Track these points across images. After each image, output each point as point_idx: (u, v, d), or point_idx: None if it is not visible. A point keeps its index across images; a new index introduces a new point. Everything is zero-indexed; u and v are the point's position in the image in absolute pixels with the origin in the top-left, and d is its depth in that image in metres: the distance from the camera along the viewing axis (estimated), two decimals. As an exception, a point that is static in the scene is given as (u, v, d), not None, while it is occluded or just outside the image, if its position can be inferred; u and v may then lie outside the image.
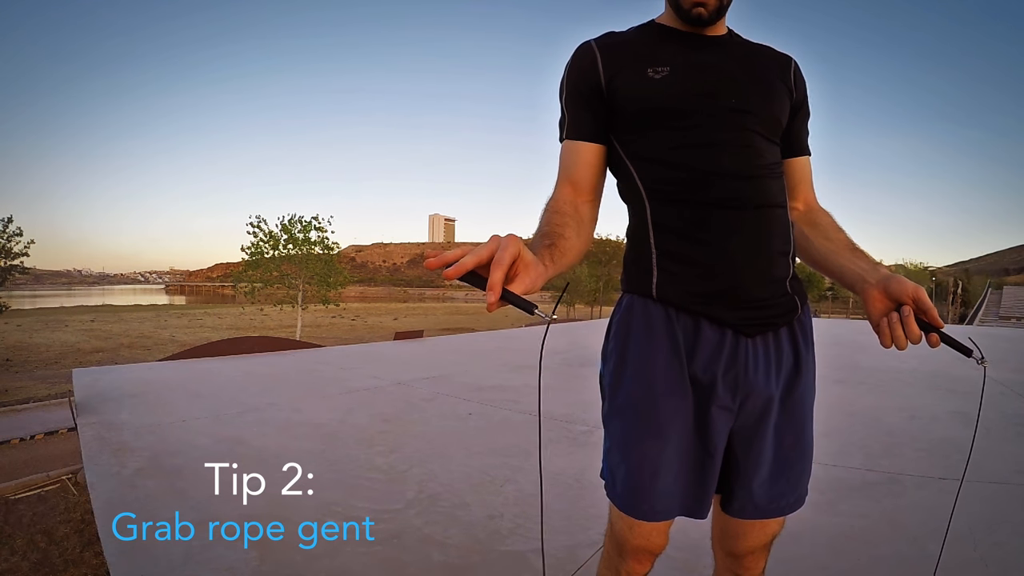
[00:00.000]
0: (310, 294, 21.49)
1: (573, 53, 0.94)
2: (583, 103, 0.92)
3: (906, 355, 6.72)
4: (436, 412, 3.71)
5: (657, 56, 0.89)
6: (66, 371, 11.50)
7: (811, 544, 1.88)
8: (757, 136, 0.87)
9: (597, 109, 0.91)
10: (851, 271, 0.89)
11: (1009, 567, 1.72)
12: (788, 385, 0.89)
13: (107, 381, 4.62)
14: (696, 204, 0.84)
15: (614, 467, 0.90)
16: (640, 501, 0.86)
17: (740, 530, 0.93)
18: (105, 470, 2.53)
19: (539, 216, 0.85)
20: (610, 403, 0.91)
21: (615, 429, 0.89)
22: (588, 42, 0.94)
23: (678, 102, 0.86)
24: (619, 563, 0.94)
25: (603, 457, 0.93)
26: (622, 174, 0.93)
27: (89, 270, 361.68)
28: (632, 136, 0.90)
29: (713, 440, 0.85)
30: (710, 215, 0.83)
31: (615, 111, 0.90)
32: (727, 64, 0.90)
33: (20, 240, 22.28)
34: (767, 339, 0.87)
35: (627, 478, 0.87)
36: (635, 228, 0.92)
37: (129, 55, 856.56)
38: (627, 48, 0.92)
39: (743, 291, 0.83)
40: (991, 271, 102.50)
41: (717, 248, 0.83)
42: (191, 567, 1.71)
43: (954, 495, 1.64)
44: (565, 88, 0.94)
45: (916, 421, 3.49)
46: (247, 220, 21.17)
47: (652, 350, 0.86)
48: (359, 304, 63.16)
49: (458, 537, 1.93)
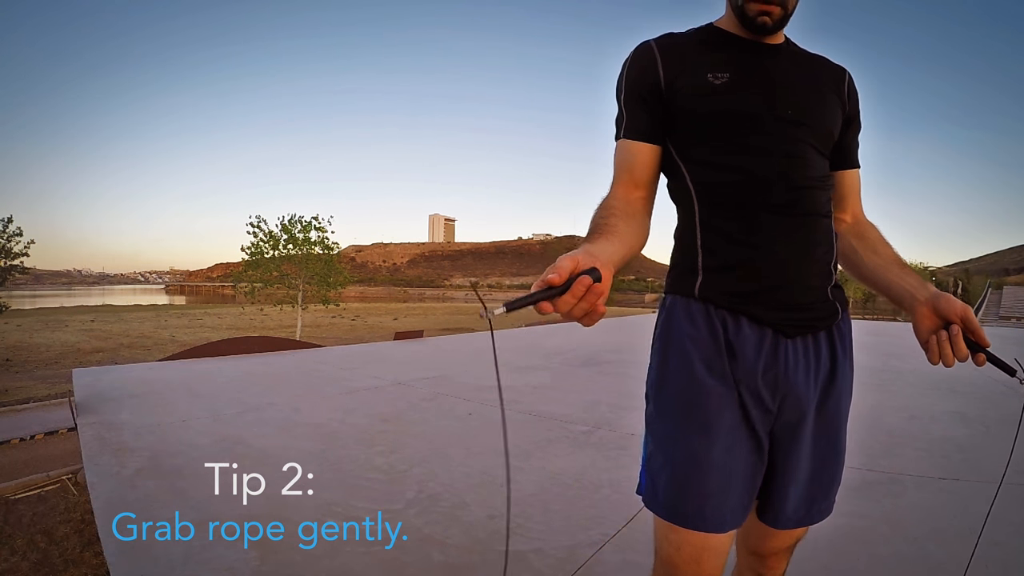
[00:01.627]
0: (310, 294, 21.48)
1: (633, 52, 0.94)
2: (641, 103, 0.92)
3: (906, 355, 6.72)
4: (436, 412, 3.71)
5: (717, 61, 0.90)
6: (66, 371, 11.49)
7: (811, 544, 1.87)
8: (809, 148, 0.89)
9: (655, 109, 0.92)
10: (900, 287, 0.91)
11: (1009, 567, 1.72)
12: (825, 390, 0.89)
13: (107, 381, 4.61)
14: (746, 209, 0.86)
15: (655, 472, 0.86)
16: (686, 503, 0.82)
17: (768, 532, 0.93)
18: (105, 470, 2.53)
19: (593, 214, 0.86)
20: (654, 404, 0.88)
21: (658, 430, 0.87)
22: (648, 42, 0.94)
23: (736, 109, 0.87)
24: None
25: (642, 467, 0.89)
26: (674, 175, 0.94)
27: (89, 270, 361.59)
28: (688, 139, 0.91)
29: (759, 441, 0.85)
30: (759, 220, 0.85)
31: (673, 113, 0.91)
32: (785, 74, 0.91)
33: (20, 240, 22.28)
34: (807, 342, 0.87)
35: (671, 480, 0.83)
36: (682, 229, 0.93)
37: (129, 55, 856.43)
38: (687, 51, 0.92)
39: (785, 294, 0.85)
40: (991, 271, 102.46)
41: (764, 251, 0.84)
42: (191, 567, 1.71)
43: (954, 495, 1.64)
44: (624, 87, 0.94)
45: (916, 421, 3.49)
46: (247, 220, 21.15)
47: (695, 347, 0.85)
48: (359, 304, 63.15)
49: (458, 537, 1.93)
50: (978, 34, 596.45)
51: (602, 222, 0.81)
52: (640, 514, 2.09)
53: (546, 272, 0.58)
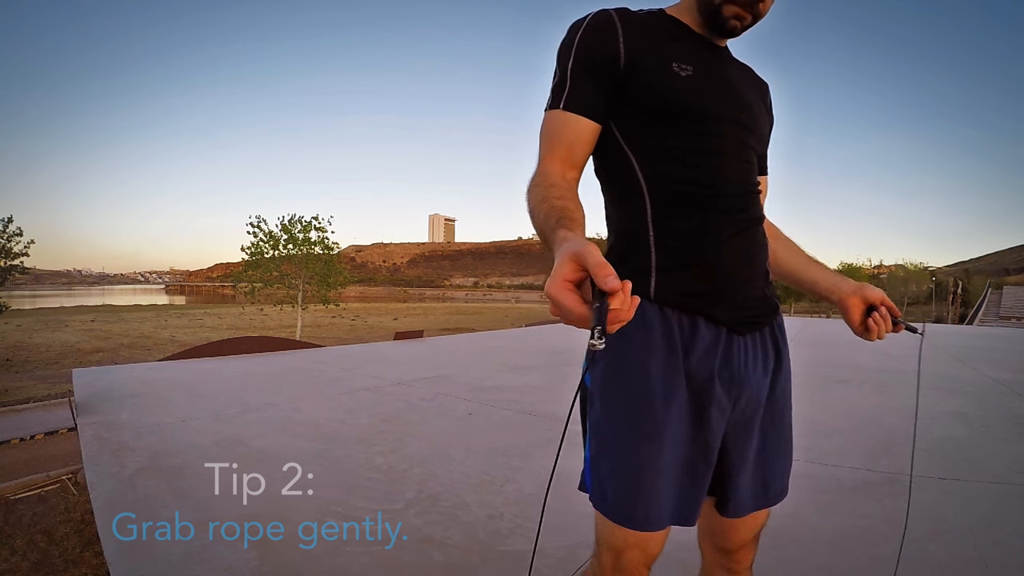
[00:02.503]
0: (310, 294, 21.48)
1: (590, 18, 0.87)
2: (593, 74, 0.85)
3: (906, 355, 6.72)
4: (436, 412, 3.71)
5: (680, 51, 0.87)
6: (66, 371, 11.49)
7: (811, 544, 1.88)
8: (753, 153, 0.92)
9: (606, 85, 0.85)
10: (827, 282, 1.02)
11: (1009, 567, 1.72)
12: (773, 380, 0.91)
13: (107, 381, 4.62)
14: (699, 209, 0.85)
15: (603, 477, 0.84)
16: (635, 509, 0.82)
17: (731, 525, 0.93)
18: (105, 470, 2.53)
19: (535, 194, 0.79)
20: (601, 408, 0.85)
21: (607, 435, 0.84)
22: (607, 11, 0.87)
23: (699, 106, 0.85)
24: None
25: (587, 468, 0.87)
26: (618, 163, 0.88)
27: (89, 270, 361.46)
28: (643, 127, 0.86)
29: (710, 442, 0.85)
30: (712, 221, 0.85)
31: (628, 95, 0.85)
32: (737, 79, 0.92)
33: (20, 240, 22.28)
34: (755, 338, 0.89)
35: (622, 486, 0.82)
36: (626, 223, 0.88)
37: (129, 56, 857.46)
38: (649, 31, 0.87)
39: (736, 293, 0.86)
40: (991, 271, 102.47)
41: (717, 253, 0.85)
42: (191, 567, 1.71)
43: (954, 495, 1.64)
44: (575, 53, 0.85)
45: (916, 421, 3.49)
46: (247, 220, 21.16)
47: (648, 352, 0.83)
48: (359, 304, 63.13)
49: (458, 537, 1.93)
50: (976, 33, 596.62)
51: (562, 205, 0.74)
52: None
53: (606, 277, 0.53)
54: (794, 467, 2.58)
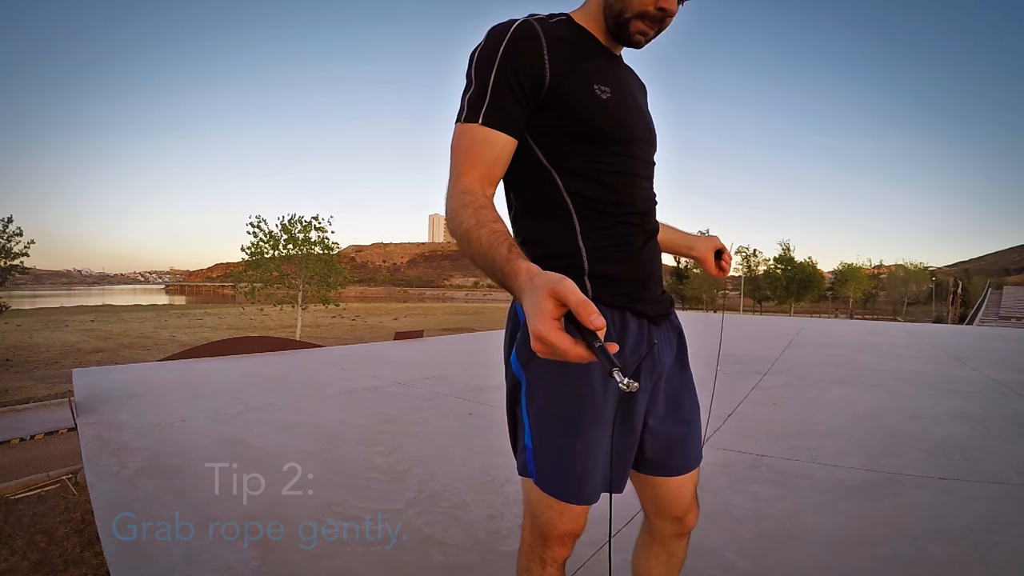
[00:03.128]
0: (310, 294, 21.49)
1: (514, 30, 0.86)
2: (516, 92, 0.86)
3: (906, 355, 6.72)
4: (436, 412, 3.71)
5: (597, 71, 0.91)
6: (66, 371, 11.49)
7: (811, 544, 1.88)
8: (653, 167, 1.02)
9: (526, 103, 0.87)
10: (682, 241, 1.26)
11: (1009, 567, 1.72)
12: (679, 359, 1.05)
13: (107, 381, 4.61)
14: (621, 221, 0.94)
15: (546, 463, 0.91)
16: (580, 488, 0.90)
17: (675, 486, 1.04)
18: (105, 470, 2.53)
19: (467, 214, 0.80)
20: (545, 400, 0.90)
21: (549, 426, 0.90)
22: (532, 25, 0.87)
23: (618, 131, 0.92)
24: (543, 551, 0.95)
25: (529, 455, 0.93)
26: (540, 179, 0.92)
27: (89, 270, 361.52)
28: (566, 147, 0.90)
29: (635, 422, 0.95)
30: (630, 232, 0.95)
31: (549, 114, 0.88)
32: (637, 93, 1.00)
33: (20, 240, 22.31)
34: (664, 327, 1.01)
35: (569, 468, 0.89)
36: (555, 238, 0.93)
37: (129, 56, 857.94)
38: (567, 47, 0.89)
39: (650, 291, 0.98)
40: (991, 271, 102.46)
41: (636, 257, 0.96)
42: (191, 567, 1.71)
43: (954, 495, 1.64)
44: (498, 66, 0.85)
45: (916, 421, 3.49)
46: (247, 220, 21.17)
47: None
48: (359, 304, 63.11)
49: (458, 537, 1.93)
50: (977, 32, 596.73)
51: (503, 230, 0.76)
52: (640, 515, 2.09)
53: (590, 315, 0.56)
54: (794, 467, 2.58)
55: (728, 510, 2.14)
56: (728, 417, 3.57)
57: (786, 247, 48.91)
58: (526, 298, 0.63)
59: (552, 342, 0.57)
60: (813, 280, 47.99)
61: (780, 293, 48.02)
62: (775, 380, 4.92)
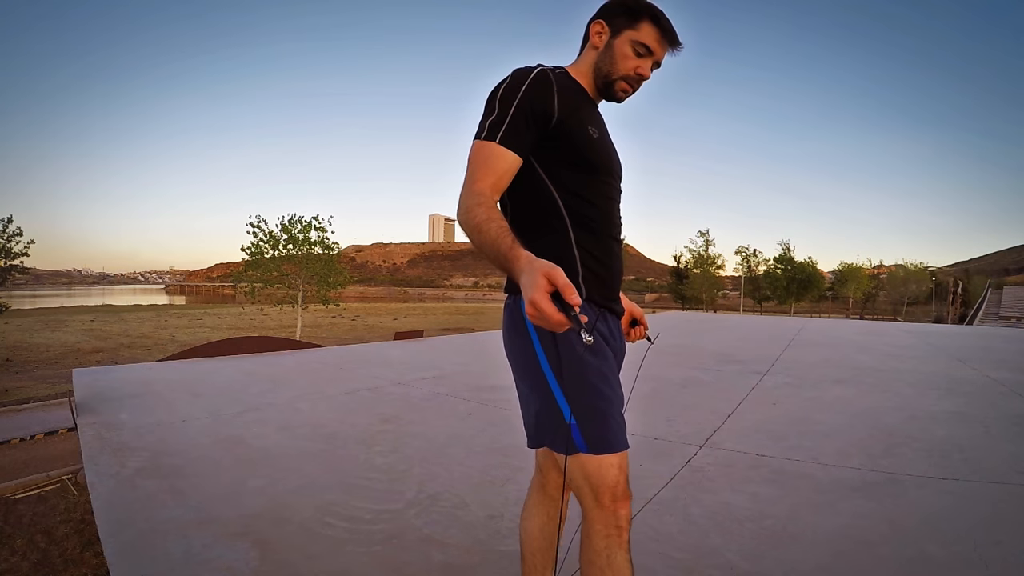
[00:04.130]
0: (310, 294, 21.48)
1: (533, 74, 1.10)
2: (530, 122, 1.08)
3: (906, 355, 6.72)
4: (436, 412, 3.71)
5: (590, 117, 1.17)
6: (66, 371, 11.49)
7: (811, 544, 1.88)
8: (620, 193, 1.26)
9: (535, 133, 1.09)
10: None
11: (1009, 567, 1.72)
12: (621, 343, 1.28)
13: (107, 381, 4.61)
14: (602, 236, 1.18)
15: (594, 427, 1.04)
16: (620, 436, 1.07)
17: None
18: (105, 470, 2.53)
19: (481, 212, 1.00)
20: (572, 381, 1.06)
21: (589, 393, 1.06)
22: (546, 72, 1.12)
23: (602, 163, 1.18)
24: (617, 517, 1.04)
25: (573, 432, 1.05)
26: (541, 195, 1.14)
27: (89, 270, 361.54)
28: (565, 173, 1.13)
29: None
30: (610, 245, 1.19)
31: (552, 144, 1.11)
32: (608, 136, 1.24)
33: (20, 240, 22.31)
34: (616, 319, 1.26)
35: (610, 426, 1.06)
36: (553, 246, 1.14)
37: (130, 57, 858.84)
38: (571, 95, 1.14)
39: (617, 293, 1.24)
40: (991, 271, 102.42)
41: (612, 266, 1.19)
42: (191, 567, 1.71)
43: (954, 495, 1.64)
44: (520, 99, 1.07)
45: (916, 421, 3.49)
46: (247, 220, 21.15)
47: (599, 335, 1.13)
48: (359, 304, 63.10)
49: (458, 537, 1.93)
50: (975, 35, 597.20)
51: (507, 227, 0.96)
52: (640, 515, 2.09)
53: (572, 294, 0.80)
54: (794, 467, 2.58)
55: (728, 510, 2.14)
56: (728, 417, 3.57)
57: (786, 247, 48.88)
58: (525, 276, 0.84)
59: (542, 307, 0.78)
60: (813, 280, 47.96)
61: (780, 293, 47.99)
62: (775, 380, 4.92)
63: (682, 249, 59.79)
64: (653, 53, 1.19)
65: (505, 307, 1.20)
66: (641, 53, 1.18)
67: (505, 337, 1.20)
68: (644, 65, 1.19)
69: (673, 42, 1.20)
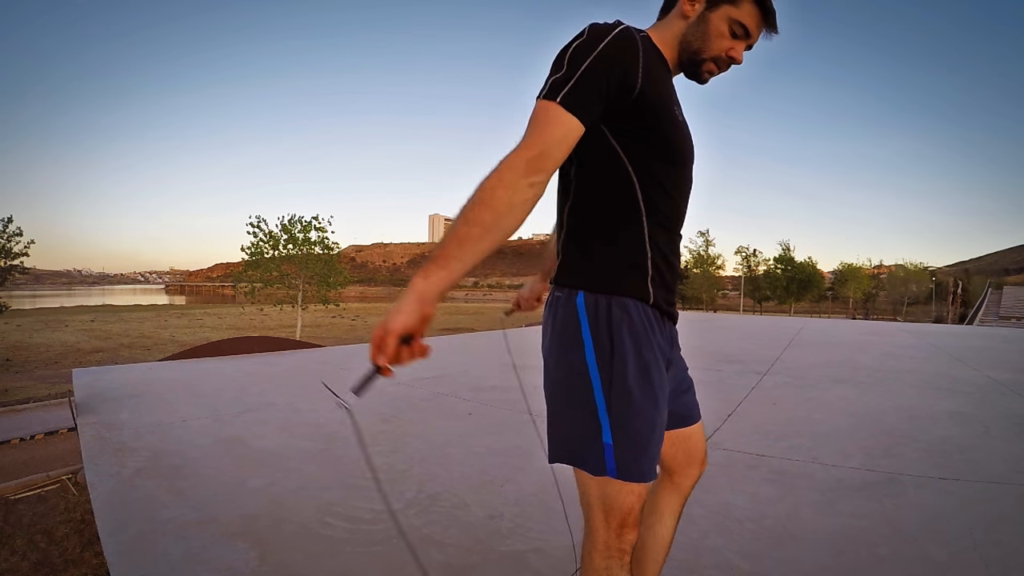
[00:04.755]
0: (310, 294, 21.49)
1: (617, 33, 0.92)
2: (604, 88, 0.90)
3: (906, 355, 6.72)
4: (436, 412, 3.71)
5: (672, 94, 1.03)
6: (66, 371, 11.49)
7: (811, 544, 1.88)
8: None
9: (607, 100, 0.92)
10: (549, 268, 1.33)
11: (1009, 567, 1.72)
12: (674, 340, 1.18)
13: (107, 381, 4.61)
14: (675, 234, 1.07)
15: (630, 454, 0.96)
16: (652, 465, 1.00)
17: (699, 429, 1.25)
18: (105, 470, 2.53)
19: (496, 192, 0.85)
20: (620, 398, 0.96)
21: (632, 417, 0.96)
22: (633, 34, 0.94)
23: (686, 154, 1.04)
24: (622, 541, 0.99)
25: (607, 452, 0.96)
26: (616, 182, 0.99)
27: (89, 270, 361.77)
28: (647, 155, 0.98)
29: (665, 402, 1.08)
30: (678, 244, 1.08)
31: (632, 121, 0.95)
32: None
33: (20, 240, 22.32)
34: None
35: (651, 453, 0.99)
36: (628, 242, 1.00)
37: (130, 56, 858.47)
38: (659, 67, 1.00)
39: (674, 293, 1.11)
40: (991, 271, 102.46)
41: (676, 267, 1.08)
42: (191, 567, 1.71)
43: (954, 495, 1.64)
44: (594, 58, 0.89)
45: (916, 421, 3.49)
46: (247, 220, 21.17)
47: (658, 350, 1.02)
48: (359, 304, 63.11)
49: (458, 537, 1.93)
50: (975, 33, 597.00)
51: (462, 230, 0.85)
52: (640, 514, 2.09)
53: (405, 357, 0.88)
54: (794, 467, 2.58)
55: (728, 510, 2.14)
56: (728, 417, 3.57)
57: (786, 247, 48.92)
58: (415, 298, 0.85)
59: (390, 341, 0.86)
60: (813, 280, 47.99)
61: (780, 293, 48.02)
62: (775, 380, 4.92)
63: (682, 249, 59.80)
64: (750, 36, 1.04)
65: (555, 301, 1.04)
66: (737, 34, 1.03)
67: (550, 337, 1.04)
68: (738, 48, 1.04)
69: (772, 26, 1.04)
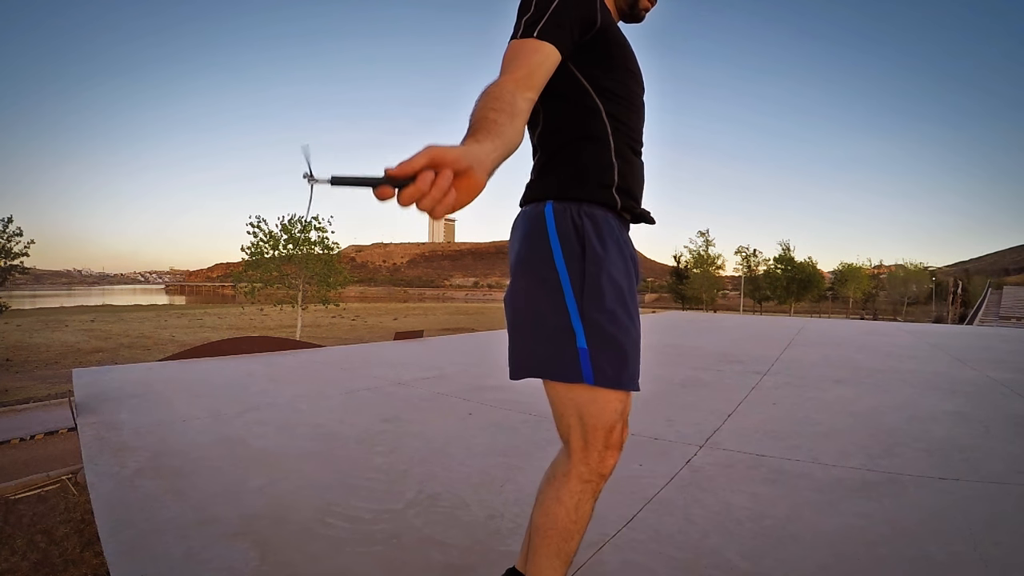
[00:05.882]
0: (310, 294, 21.50)
1: None
2: (575, 24, 1.01)
3: (906, 355, 6.72)
4: (436, 412, 3.71)
5: (616, 25, 1.14)
6: (66, 371, 11.49)
7: (811, 544, 1.88)
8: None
9: (576, 34, 1.02)
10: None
11: (1009, 567, 1.71)
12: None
13: (107, 381, 4.61)
14: (634, 148, 1.15)
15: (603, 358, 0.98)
16: (633, 375, 1.03)
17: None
18: (105, 470, 2.53)
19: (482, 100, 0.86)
20: (593, 301, 1.00)
21: (599, 323, 0.99)
22: None
23: (636, 71, 1.16)
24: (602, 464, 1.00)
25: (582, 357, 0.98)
26: (583, 100, 1.08)
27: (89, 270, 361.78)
28: (606, 79, 1.08)
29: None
30: (639, 155, 1.17)
31: (593, 52, 1.06)
32: None
33: (20, 240, 22.33)
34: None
35: (619, 359, 1.00)
36: (592, 154, 1.08)
37: (131, 58, 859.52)
38: (607, 8, 1.11)
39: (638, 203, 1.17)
40: (991, 271, 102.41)
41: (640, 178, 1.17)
42: (191, 567, 1.71)
43: (954, 495, 1.64)
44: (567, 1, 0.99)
45: (916, 421, 3.49)
46: (247, 220, 21.17)
47: (621, 254, 1.07)
48: (359, 304, 63.10)
49: (458, 537, 1.93)
50: (975, 36, 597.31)
51: (489, 116, 0.82)
52: (640, 514, 2.09)
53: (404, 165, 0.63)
54: (794, 467, 2.57)
55: (728, 510, 2.14)
56: (728, 417, 3.57)
57: (786, 247, 48.91)
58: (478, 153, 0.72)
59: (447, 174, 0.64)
60: (813, 280, 47.97)
61: (780, 293, 48.01)
62: (775, 380, 4.92)
63: (682, 249, 59.75)
64: None
65: (522, 216, 1.10)
66: None
67: (517, 248, 1.08)
68: None
69: None
